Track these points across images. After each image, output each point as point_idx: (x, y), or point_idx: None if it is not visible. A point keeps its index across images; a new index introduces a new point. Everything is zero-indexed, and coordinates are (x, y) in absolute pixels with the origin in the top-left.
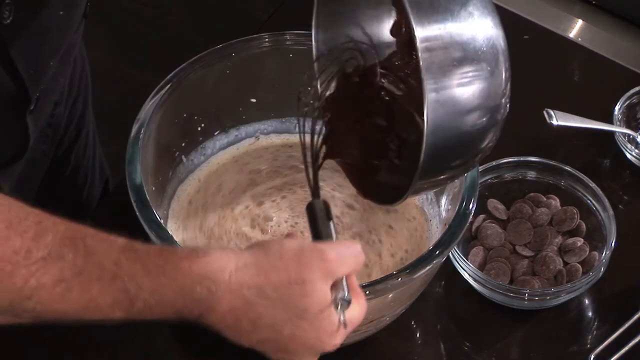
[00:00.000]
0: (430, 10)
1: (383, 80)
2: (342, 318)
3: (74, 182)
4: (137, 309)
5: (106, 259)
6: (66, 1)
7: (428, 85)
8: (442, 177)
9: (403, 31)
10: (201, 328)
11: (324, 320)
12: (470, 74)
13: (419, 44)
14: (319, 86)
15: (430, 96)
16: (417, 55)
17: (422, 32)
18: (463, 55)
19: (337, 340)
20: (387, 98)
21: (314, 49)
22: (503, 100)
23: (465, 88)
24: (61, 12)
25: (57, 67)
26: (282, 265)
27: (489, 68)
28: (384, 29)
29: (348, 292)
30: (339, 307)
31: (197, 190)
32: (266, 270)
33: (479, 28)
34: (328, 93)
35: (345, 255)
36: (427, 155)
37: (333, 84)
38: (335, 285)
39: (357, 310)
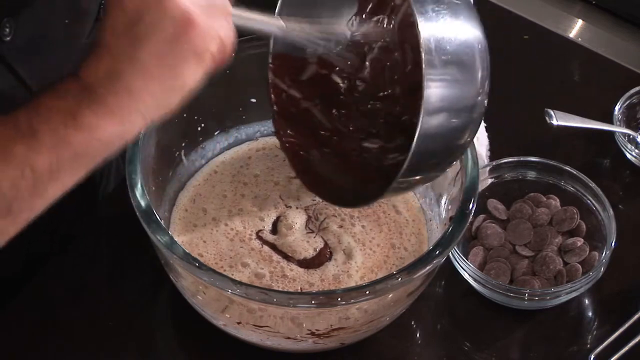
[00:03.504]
0: (429, 8)
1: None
2: None
3: (89, 181)
4: (26, 125)
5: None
6: (72, 11)
7: (428, 82)
8: (423, 176)
9: (363, 26)
10: (201, 328)
11: None
12: (460, 74)
13: (422, 37)
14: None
15: (427, 92)
16: (419, 53)
17: (425, 25)
18: (455, 53)
19: None
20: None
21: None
22: (481, 98)
23: (455, 88)
24: (67, 21)
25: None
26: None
27: (474, 67)
28: (342, 19)
29: None
30: None
31: (198, 190)
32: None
33: (467, 29)
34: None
35: None
36: (415, 153)
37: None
38: None
39: None
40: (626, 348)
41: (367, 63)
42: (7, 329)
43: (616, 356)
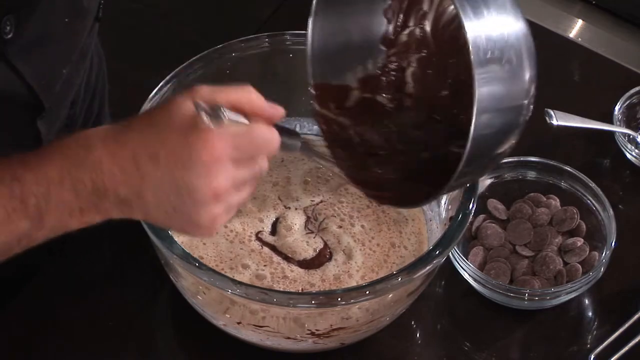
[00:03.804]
0: (473, 3)
1: (381, 95)
2: (205, 117)
3: None
4: (33, 207)
5: None
6: (72, 9)
7: (479, 81)
8: (471, 176)
9: (397, 42)
10: (201, 328)
11: (190, 126)
12: (510, 71)
13: (469, 37)
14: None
15: (479, 90)
16: (467, 52)
17: (470, 25)
18: (504, 51)
19: (209, 139)
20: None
21: (308, 59)
22: (528, 100)
23: (505, 85)
24: (67, 20)
25: (71, 72)
26: (152, 109)
27: (524, 65)
28: (375, 37)
29: (222, 108)
30: (201, 109)
31: None
32: (135, 116)
33: (515, 25)
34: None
35: (223, 88)
36: (471, 151)
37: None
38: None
39: (243, 125)
40: (626, 348)
41: (408, 78)
42: (7, 329)
43: (616, 356)
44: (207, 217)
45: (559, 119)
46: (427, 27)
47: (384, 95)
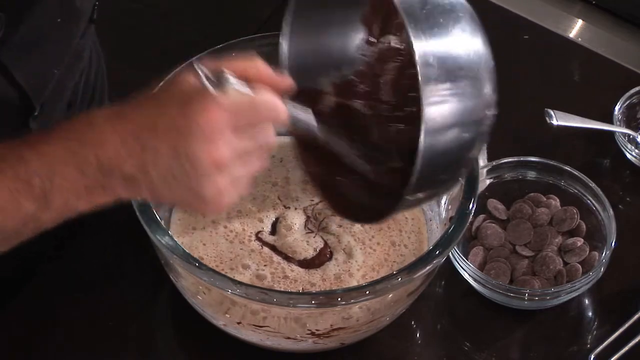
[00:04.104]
0: (425, 23)
1: (355, 101)
2: (205, 82)
3: None
4: (38, 189)
5: None
6: (65, 9)
7: (426, 99)
8: (431, 192)
9: (373, 48)
10: (201, 328)
11: (189, 94)
12: (461, 88)
13: (417, 56)
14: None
15: (427, 110)
16: (415, 69)
17: (420, 44)
18: (456, 69)
19: (208, 106)
20: (369, 113)
21: (282, 56)
22: (489, 112)
23: (457, 102)
24: (59, 20)
25: (64, 73)
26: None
27: (477, 83)
28: (351, 44)
29: (225, 73)
30: (201, 75)
31: None
32: (140, 94)
33: (470, 44)
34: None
35: (227, 59)
36: (421, 170)
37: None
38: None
39: (245, 93)
40: (626, 348)
41: (381, 85)
42: (7, 329)
43: (616, 356)
44: (211, 189)
45: (559, 119)
46: (403, 38)
47: (357, 101)
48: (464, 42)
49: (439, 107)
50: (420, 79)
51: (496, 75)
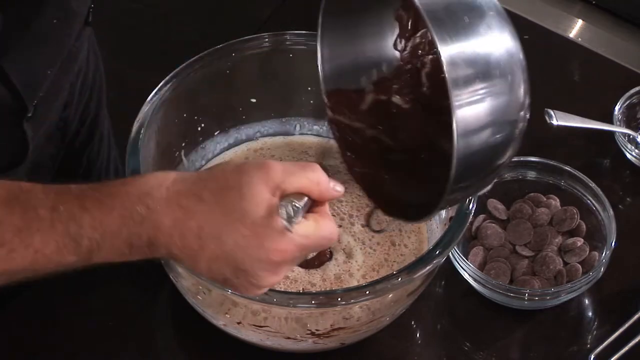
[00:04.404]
0: (450, 25)
1: (396, 97)
2: (285, 223)
3: (88, 181)
4: (85, 249)
5: (42, 209)
6: (61, 10)
7: (455, 101)
8: (467, 192)
9: (409, 44)
10: (201, 328)
11: (264, 225)
12: (493, 88)
13: (444, 60)
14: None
15: (458, 113)
16: (443, 72)
17: (446, 48)
18: (485, 69)
19: (283, 245)
20: (407, 111)
21: (319, 67)
22: (522, 113)
23: (489, 103)
24: (55, 21)
25: (57, 75)
26: (222, 174)
27: (510, 81)
28: (388, 42)
29: (298, 203)
30: (282, 211)
31: None
32: (204, 180)
33: (499, 41)
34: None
35: (294, 170)
36: (457, 171)
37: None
38: (283, 198)
39: (312, 226)
40: (626, 348)
41: (423, 78)
42: (7, 329)
43: (616, 356)
44: (256, 293)
45: (559, 119)
46: None
47: (398, 97)
48: (492, 40)
49: (469, 108)
50: (448, 83)
51: (528, 76)
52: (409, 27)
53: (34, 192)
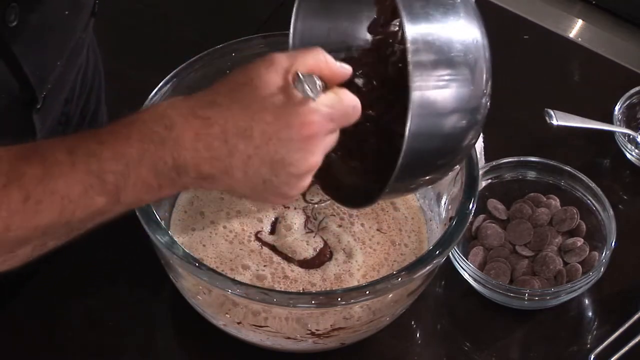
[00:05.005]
0: (421, 12)
1: (359, 79)
2: (308, 92)
3: None
4: (111, 185)
5: (60, 153)
6: (71, 1)
7: (414, 83)
8: (420, 179)
9: (383, 30)
10: (201, 328)
11: (285, 104)
12: (454, 76)
13: (409, 43)
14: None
15: (415, 94)
16: (406, 53)
17: (413, 30)
18: (449, 56)
19: (310, 117)
20: (365, 93)
21: (290, 39)
22: (483, 100)
23: (449, 89)
24: (66, 12)
25: (64, 66)
26: (230, 77)
27: (471, 70)
28: (363, 25)
29: (313, 77)
30: (299, 87)
31: (195, 192)
32: (214, 88)
33: (465, 30)
34: None
35: (299, 53)
36: (406, 155)
37: None
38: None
39: (334, 97)
40: (626, 348)
41: (389, 66)
42: (7, 329)
43: (616, 356)
44: (298, 190)
45: (559, 119)
46: None
47: (360, 79)
48: (460, 29)
49: (428, 92)
50: (410, 63)
51: (492, 65)
52: (387, 13)
53: (48, 142)
